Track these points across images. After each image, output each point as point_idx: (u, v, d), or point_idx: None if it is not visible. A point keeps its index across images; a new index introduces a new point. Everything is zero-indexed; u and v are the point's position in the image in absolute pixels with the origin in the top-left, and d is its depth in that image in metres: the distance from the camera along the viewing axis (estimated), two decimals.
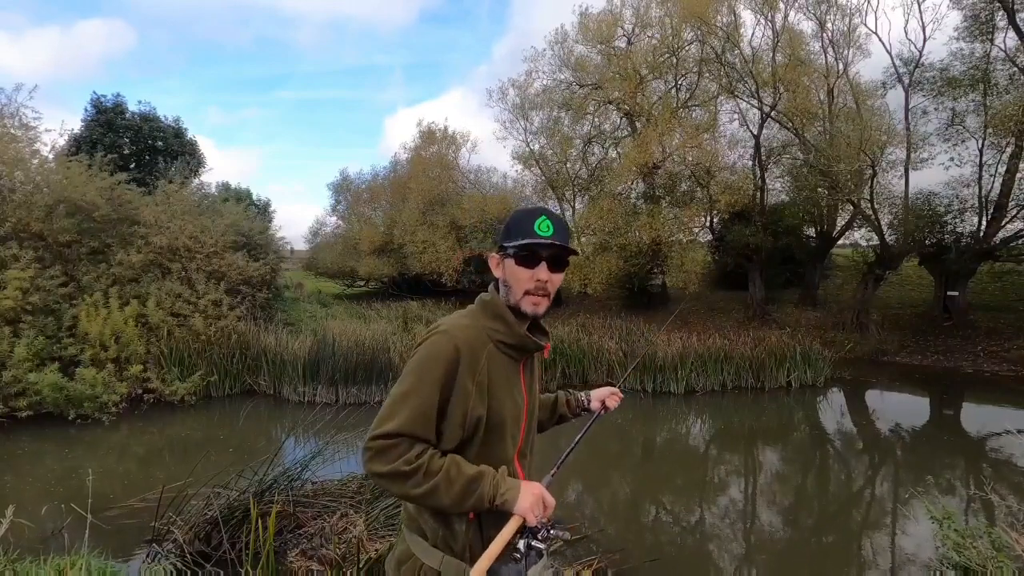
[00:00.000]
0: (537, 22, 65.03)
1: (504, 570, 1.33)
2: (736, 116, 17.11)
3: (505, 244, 1.36)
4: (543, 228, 1.31)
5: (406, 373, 1.30)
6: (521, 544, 1.28)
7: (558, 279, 1.37)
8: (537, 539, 1.28)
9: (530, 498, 1.27)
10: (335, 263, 24.88)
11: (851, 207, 14.16)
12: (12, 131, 9.05)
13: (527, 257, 1.33)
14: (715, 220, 16.74)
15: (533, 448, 1.50)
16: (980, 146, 13.31)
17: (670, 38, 15.88)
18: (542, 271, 1.33)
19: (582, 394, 1.91)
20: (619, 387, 1.99)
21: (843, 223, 16.09)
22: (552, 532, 1.31)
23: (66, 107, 70.98)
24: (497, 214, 17.00)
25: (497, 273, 1.41)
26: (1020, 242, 12.81)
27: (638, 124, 16.40)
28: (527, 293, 1.34)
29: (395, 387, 1.30)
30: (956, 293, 13.34)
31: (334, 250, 25.28)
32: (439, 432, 1.30)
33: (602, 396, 1.91)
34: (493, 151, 46.36)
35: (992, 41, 13.07)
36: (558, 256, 1.35)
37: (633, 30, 17.20)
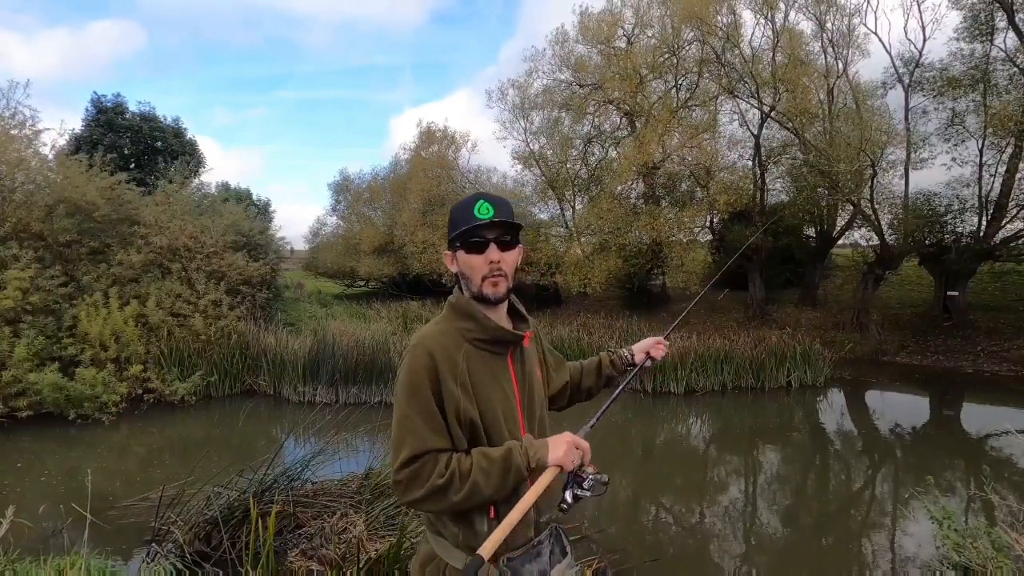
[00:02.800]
0: (545, 24, 64.52)
1: (527, 567, 1.33)
2: (736, 116, 17.08)
3: (452, 237, 1.36)
4: (483, 211, 1.31)
5: (398, 397, 1.31)
6: (568, 495, 1.29)
7: (511, 257, 1.37)
8: (583, 488, 1.29)
9: (562, 446, 1.28)
10: (335, 263, 24.87)
11: (851, 207, 14.15)
12: (11, 132, 9.03)
13: (474, 243, 1.33)
14: (715, 220, 16.74)
15: (545, 434, 1.47)
16: (980, 146, 13.29)
17: (670, 38, 15.86)
18: (492, 252, 1.33)
19: (624, 350, 1.88)
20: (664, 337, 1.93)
21: (843, 223, 16.08)
22: (594, 477, 1.31)
23: (73, 108, 71.32)
24: None
25: (453, 268, 1.41)
26: (1020, 242, 12.79)
27: (638, 124, 16.37)
28: (484, 278, 1.34)
29: (394, 412, 1.31)
30: (956, 293, 13.32)
31: (334, 250, 25.27)
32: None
33: (646, 347, 1.87)
34: (494, 151, 46.44)
35: (992, 41, 13.05)
36: (504, 235, 1.34)
37: (633, 30, 17.19)
